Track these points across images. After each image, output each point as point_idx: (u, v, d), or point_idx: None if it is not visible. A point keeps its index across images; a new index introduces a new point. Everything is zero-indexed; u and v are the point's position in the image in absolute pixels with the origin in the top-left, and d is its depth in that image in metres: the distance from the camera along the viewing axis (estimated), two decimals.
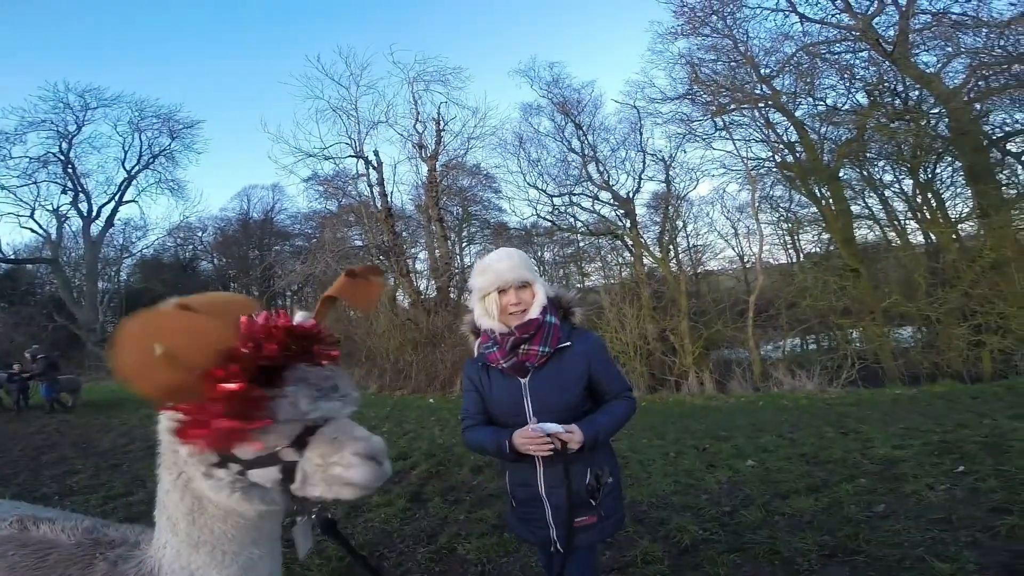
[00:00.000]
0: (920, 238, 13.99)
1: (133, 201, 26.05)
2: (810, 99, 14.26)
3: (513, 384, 1.81)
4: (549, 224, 19.09)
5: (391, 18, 36.52)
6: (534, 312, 1.79)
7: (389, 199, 17.76)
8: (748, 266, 18.41)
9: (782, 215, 16.24)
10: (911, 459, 4.37)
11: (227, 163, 44.31)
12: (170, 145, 25.43)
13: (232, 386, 0.83)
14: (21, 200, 23.40)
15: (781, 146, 14.99)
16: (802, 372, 10.40)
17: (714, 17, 14.54)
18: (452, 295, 18.59)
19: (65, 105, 23.04)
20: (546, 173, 18.72)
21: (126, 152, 24.90)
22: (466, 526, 3.87)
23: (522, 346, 1.78)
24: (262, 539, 1.04)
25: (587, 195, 18.42)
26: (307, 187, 20.46)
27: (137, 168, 25.13)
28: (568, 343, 1.82)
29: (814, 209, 14.64)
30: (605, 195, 18.06)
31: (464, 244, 22.88)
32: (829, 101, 14.18)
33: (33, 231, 24.42)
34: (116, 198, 24.84)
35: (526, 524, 1.88)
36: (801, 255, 17.62)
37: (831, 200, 13.93)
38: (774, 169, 15.31)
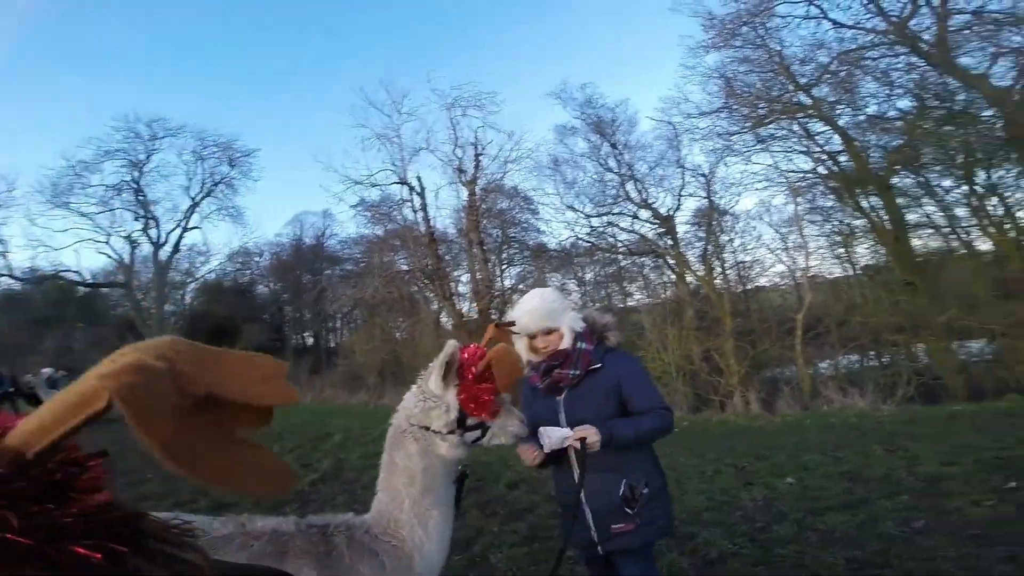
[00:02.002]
0: (986, 246, 13.14)
1: (197, 228, 27.21)
2: (851, 108, 13.83)
3: (551, 402, 2.09)
4: (588, 244, 19.03)
5: (425, 45, 37.86)
6: (563, 346, 2.05)
7: (432, 223, 18.24)
8: (798, 282, 17.76)
9: (833, 227, 15.65)
10: (959, 476, 4.18)
11: (281, 190, 46.54)
12: (229, 173, 26.55)
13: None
14: (99, 226, 25.05)
15: (824, 156, 14.55)
16: (854, 390, 9.93)
17: (745, 28, 14.37)
18: (493, 316, 18.79)
19: (135, 135, 24.61)
20: (583, 194, 18.71)
21: (190, 180, 26.19)
22: (499, 537, 3.99)
23: (554, 370, 2.05)
24: (448, 482, 1.59)
25: (626, 214, 18.30)
26: (356, 213, 21.26)
27: (200, 195, 26.35)
28: (599, 364, 2.06)
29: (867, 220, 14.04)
30: (645, 213, 17.91)
31: (504, 266, 23.12)
32: (871, 109, 13.71)
33: (108, 256, 26.01)
34: (182, 225, 26.40)
35: (576, 525, 2.06)
36: (856, 269, 16.88)
37: (883, 210, 13.36)
38: (818, 181, 14.85)
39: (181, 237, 26.60)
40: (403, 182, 18.04)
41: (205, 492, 5.73)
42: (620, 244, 18.52)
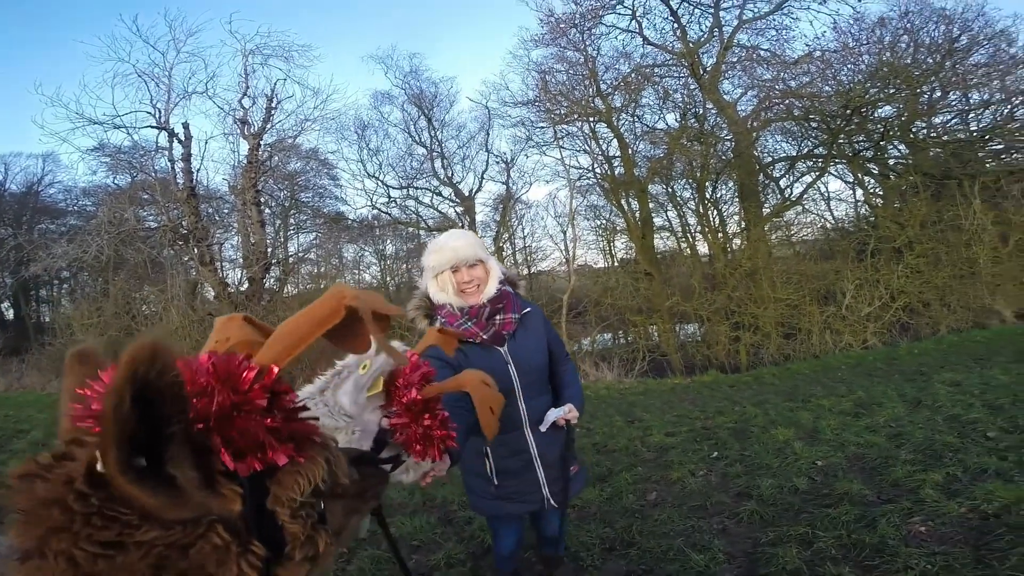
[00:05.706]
0: (704, 248, 16.64)
1: None
2: (632, 117, 16.05)
3: (494, 355, 1.94)
4: (390, 217, 18.73)
5: None
6: (492, 284, 1.92)
7: (195, 177, 15.60)
8: (570, 269, 20.00)
9: (602, 223, 18.02)
10: (679, 446, 5.02)
11: None
12: None
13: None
14: None
15: (602, 158, 16.59)
16: (605, 364, 11.60)
17: (574, 30, 15.53)
18: (274, 285, 16.99)
19: None
20: (386, 164, 18.22)
21: None
22: None
23: (497, 316, 1.92)
24: None
25: (428, 189, 18.38)
26: (93, 158, 17.20)
27: None
28: (528, 308, 2.05)
29: None
30: (447, 191, 18.20)
31: (292, 232, 21.15)
32: (646, 119, 16.14)
33: None
34: None
35: (518, 497, 2.03)
36: (615, 260, 19.71)
37: (638, 212, 15.81)
38: (594, 180, 16.89)
39: None
40: (162, 127, 15.04)
41: None
42: (422, 220, 18.62)
